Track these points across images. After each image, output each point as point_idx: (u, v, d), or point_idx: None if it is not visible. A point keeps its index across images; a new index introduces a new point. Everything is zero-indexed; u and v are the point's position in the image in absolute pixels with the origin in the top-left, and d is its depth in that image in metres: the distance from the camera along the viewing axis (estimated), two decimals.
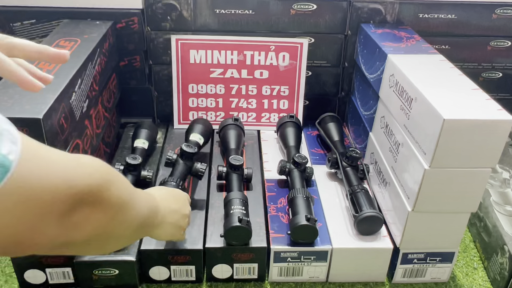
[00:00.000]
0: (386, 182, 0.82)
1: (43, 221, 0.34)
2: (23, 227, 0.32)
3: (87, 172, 0.37)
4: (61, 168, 0.35)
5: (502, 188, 0.90)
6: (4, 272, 0.79)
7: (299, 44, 1.02)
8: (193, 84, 1.05)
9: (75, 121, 0.74)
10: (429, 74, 0.75)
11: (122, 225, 0.45)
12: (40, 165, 0.33)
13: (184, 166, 0.83)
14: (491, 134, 0.62)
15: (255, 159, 0.98)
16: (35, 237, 0.34)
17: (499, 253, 0.78)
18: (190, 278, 0.77)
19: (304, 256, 0.76)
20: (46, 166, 0.33)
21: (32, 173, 0.32)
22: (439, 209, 0.71)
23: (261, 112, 1.09)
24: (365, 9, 1.00)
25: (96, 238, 0.40)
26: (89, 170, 0.38)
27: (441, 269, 0.79)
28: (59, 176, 0.34)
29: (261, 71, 1.04)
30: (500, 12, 1.01)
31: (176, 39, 1.00)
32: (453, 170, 0.66)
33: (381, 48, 0.86)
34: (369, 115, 0.94)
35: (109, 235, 0.43)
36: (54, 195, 0.34)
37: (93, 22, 0.95)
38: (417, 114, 0.69)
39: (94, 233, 0.40)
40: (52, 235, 0.35)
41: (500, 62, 1.07)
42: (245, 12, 0.99)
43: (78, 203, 0.36)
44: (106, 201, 0.40)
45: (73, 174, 0.36)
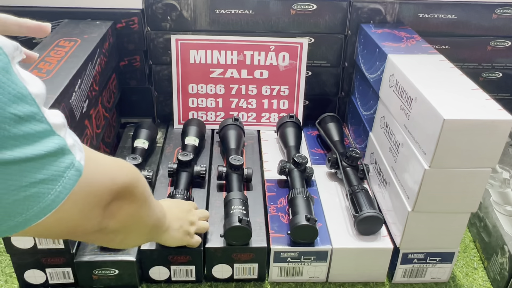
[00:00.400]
0: (386, 182, 0.82)
1: (93, 211, 0.42)
2: (80, 216, 0.40)
3: (124, 171, 0.46)
4: (107, 169, 0.43)
5: (502, 188, 0.90)
6: (4, 272, 0.79)
7: (299, 44, 1.02)
8: (193, 84, 1.05)
9: (75, 121, 0.74)
10: (429, 74, 0.75)
11: (144, 219, 0.54)
12: (95, 166, 0.41)
13: (185, 174, 0.85)
14: (491, 134, 0.62)
15: (255, 159, 0.98)
16: (85, 224, 0.42)
17: (499, 253, 0.78)
18: (190, 278, 0.77)
19: (304, 256, 0.76)
20: (99, 167, 0.42)
21: (91, 173, 0.39)
22: (439, 209, 0.71)
23: (261, 112, 1.09)
24: (365, 9, 1.00)
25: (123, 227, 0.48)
26: (126, 170, 0.47)
27: (441, 269, 0.79)
28: (107, 175, 0.43)
29: (261, 71, 1.04)
30: (500, 12, 1.01)
31: (176, 39, 1.00)
32: (453, 170, 0.66)
33: (381, 48, 0.86)
34: (369, 115, 0.94)
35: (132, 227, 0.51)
36: (103, 190, 0.42)
37: (93, 22, 0.95)
38: (417, 114, 0.69)
39: (123, 221, 0.48)
40: (95, 222, 0.43)
41: (500, 62, 1.07)
42: (245, 12, 0.99)
43: (116, 196, 0.44)
44: (134, 195, 0.48)
45: (116, 173, 0.44)
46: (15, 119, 0.31)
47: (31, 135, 0.33)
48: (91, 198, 0.40)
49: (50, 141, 0.34)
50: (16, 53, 0.33)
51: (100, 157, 0.43)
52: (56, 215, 0.36)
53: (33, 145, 0.33)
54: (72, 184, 0.36)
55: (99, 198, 0.42)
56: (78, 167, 0.37)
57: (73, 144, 0.37)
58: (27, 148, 0.32)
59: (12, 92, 0.31)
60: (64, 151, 0.35)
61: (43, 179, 0.34)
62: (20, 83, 0.32)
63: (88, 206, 0.40)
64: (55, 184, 0.35)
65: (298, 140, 0.99)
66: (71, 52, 0.80)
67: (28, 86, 0.33)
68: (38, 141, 0.33)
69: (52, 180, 0.34)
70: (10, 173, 0.32)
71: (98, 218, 0.43)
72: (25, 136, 0.32)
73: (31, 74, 0.35)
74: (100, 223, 0.44)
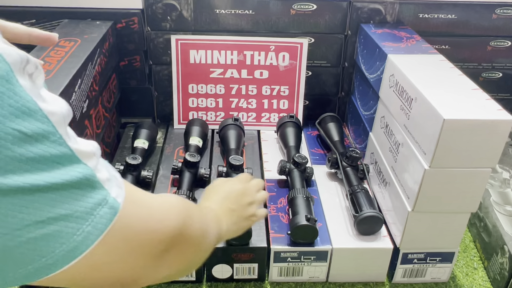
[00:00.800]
0: (386, 182, 0.82)
1: (143, 261, 0.36)
2: (125, 266, 0.34)
3: (175, 212, 0.40)
4: (156, 211, 0.38)
5: (502, 188, 0.90)
6: None
7: (299, 44, 1.02)
8: (193, 84, 1.05)
9: (75, 121, 0.74)
10: (429, 74, 0.75)
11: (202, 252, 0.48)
12: (139, 208, 0.35)
13: (189, 175, 0.85)
14: (491, 134, 0.62)
15: (255, 159, 0.98)
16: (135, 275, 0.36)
17: (499, 253, 0.78)
18: (190, 278, 0.77)
19: (304, 256, 0.76)
20: (144, 209, 0.36)
21: (134, 215, 0.34)
22: (439, 209, 0.71)
23: (261, 112, 1.09)
24: (365, 9, 1.00)
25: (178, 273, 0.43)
26: (176, 210, 0.40)
27: (441, 269, 0.79)
28: (156, 218, 0.37)
29: (261, 71, 1.04)
30: (500, 12, 1.01)
31: (176, 39, 1.00)
32: (453, 170, 0.66)
33: (381, 48, 0.86)
34: (369, 115, 0.94)
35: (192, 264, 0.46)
36: (152, 236, 0.36)
37: (93, 22, 0.95)
38: (417, 114, 0.69)
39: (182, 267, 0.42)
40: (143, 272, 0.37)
41: (500, 62, 1.07)
42: (245, 12, 0.99)
43: (170, 244, 0.38)
44: (191, 237, 0.42)
45: (166, 216, 0.38)
46: (20, 137, 0.27)
47: (46, 158, 0.28)
48: (137, 244, 0.34)
49: (73, 169, 0.29)
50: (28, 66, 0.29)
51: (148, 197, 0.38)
52: (87, 262, 0.30)
53: (49, 172, 0.28)
54: (106, 224, 0.31)
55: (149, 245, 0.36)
56: (113, 204, 0.31)
57: (108, 179, 0.32)
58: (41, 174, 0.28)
59: (14, 105, 0.27)
60: (93, 184, 0.30)
61: (64, 215, 0.29)
62: (27, 96, 0.28)
63: (133, 253, 0.34)
64: (83, 223, 0.29)
65: (298, 140, 0.99)
66: (71, 52, 0.80)
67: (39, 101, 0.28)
68: (56, 167, 0.28)
69: (77, 217, 0.29)
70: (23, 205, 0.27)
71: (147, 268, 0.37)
72: (38, 160, 0.28)
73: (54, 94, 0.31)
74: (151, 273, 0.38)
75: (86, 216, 0.30)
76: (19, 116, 0.27)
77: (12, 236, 0.27)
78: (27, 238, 0.28)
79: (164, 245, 0.37)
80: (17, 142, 0.27)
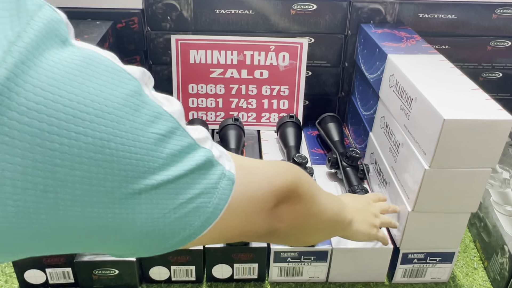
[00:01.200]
0: (386, 182, 0.82)
1: (257, 217, 0.42)
2: (244, 223, 0.41)
3: (281, 173, 0.45)
4: (264, 173, 0.43)
5: (502, 188, 0.90)
6: (4, 272, 0.79)
7: (299, 44, 1.02)
8: (193, 84, 1.05)
9: None
10: (429, 74, 0.75)
11: (316, 217, 0.53)
12: (248, 173, 0.41)
13: None
14: (491, 134, 0.62)
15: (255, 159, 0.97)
16: (252, 229, 0.43)
17: (499, 253, 0.78)
18: (190, 278, 0.77)
19: (304, 256, 0.76)
20: (253, 174, 0.42)
21: (246, 180, 0.39)
22: (439, 209, 0.71)
23: (261, 112, 1.09)
24: (365, 9, 1.00)
25: (294, 228, 0.49)
26: (283, 171, 0.46)
27: (441, 269, 0.79)
28: (264, 180, 0.42)
29: (261, 71, 1.04)
30: (500, 12, 1.01)
31: (176, 39, 1.00)
32: (453, 170, 0.66)
33: (381, 48, 0.86)
34: (369, 115, 0.94)
35: (305, 226, 0.51)
36: (263, 195, 0.42)
37: (93, 22, 0.95)
38: (417, 114, 0.69)
39: (293, 222, 0.48)
40: (263, 226, 0.44)
41: (500, 62, 1.07)
42: (245, 12, 0.99)
43: (280, 199, 0.44)
44: (299, 195, 0.47)
45: (273, 176, 0.44)
46: (160, 138, 0.32)
47: (178, 151, 0.33)
48: (251, 204, 0.40)
49: (197, 155, 0.35)
50: (145, 78, 0.34)
51: (252, 163, 0.44)
52: (218, 226, 0.36)
53: (182, 162, 0.33)
54: (228, 194, 0.36)
55: (261, 203, 0.42)
56: (230, 176, 0.37)
57: (220, 155, 0.37)
58: (178, 165, 0.33)
59: (148, 113, 0.32)
60: (213, 163, 0.36)
61: (198, 194, 0.34)
62: (154, 103, 0.33)
63: (250, 212, 0.41)
64: (211, 197, 0.35)
65: (298, 140, 0.99)
66: None
67: (162, 105, 0.33)
68: (186, 157, 0.34)
69: (207, 193, 0.35)
70: (168, 193, 0.32)
71: (264, 222, 0.43)
72: (173, 154, 0.33)
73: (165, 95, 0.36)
74: (269, 227, 0.44)
75: (213, 190, 0.35)
76: (154, 121, 0.32)
77: (163, 219, 0.33)
78: (174, 218, 0.33)
79: (274, 201, 0.43)
80: (157, 143, 0.32)
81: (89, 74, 0.29)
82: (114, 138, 0.29)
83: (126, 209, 0.31)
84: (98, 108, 0.29)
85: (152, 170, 0.31)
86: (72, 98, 0.28)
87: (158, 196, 0.32)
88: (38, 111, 0.27)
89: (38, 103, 0.27)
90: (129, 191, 0.30)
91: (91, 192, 0.29)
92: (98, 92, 0.29)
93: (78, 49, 0.31)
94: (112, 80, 0.31)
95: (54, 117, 0.27)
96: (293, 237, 0.51)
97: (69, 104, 0.28)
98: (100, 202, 0.30)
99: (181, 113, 0.35)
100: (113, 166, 0.29)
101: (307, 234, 0.54)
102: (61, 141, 0.27)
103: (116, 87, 0.30)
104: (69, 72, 0.28)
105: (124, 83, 0.31)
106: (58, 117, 0.27)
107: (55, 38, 0.29)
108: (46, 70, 0.27)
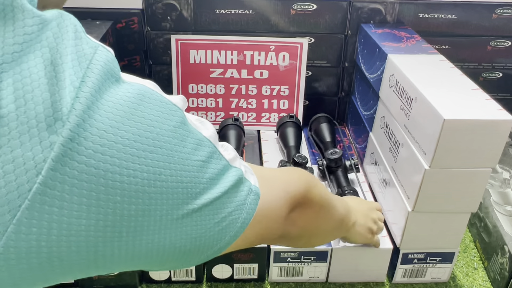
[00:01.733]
0: (386, 182, 0.82)
1: (274, 223, 0.45)
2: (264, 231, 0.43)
3: (295, 181, 0.48)
4: (280, 183, 0.46)
5: (502, 188, 0.90)
6: None
7: (299, 44, 1.02)
8: (193, 84, 1.05)
9: None
10: (429, 74, 0.75)
11: (325, 220, 0.56)
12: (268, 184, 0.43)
13: None
14: (491, 134, 0.62)
15: (255, 159, 0.98)
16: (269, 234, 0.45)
17: (499, 253, 0.78)
18: (190, 278, 0.77)
19: (304, 256, 0.76)
20: (272, 184, 0.44)
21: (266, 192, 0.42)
22: (439, 209, 0.71)
23: (261, 112, 1.09)
24: (365, 9, 1.00)
25: (306, 231, 0.52)
26: (296, 178, 0.49)
27: (441, 269, 0.78)
28: (281, 189, 0.45)
29: (261, 71, 1.04)
30: (500, 12, 1.01)
31: (176, 39, 1.00)
32: (453, 170, 0.66)
33: (381, 48, 0.86)
34: (369, 115, 0.94)
35: (315, 228, 0.54)
36: (280, 204, 0.45)
37: (93, 22, 0.95)
38: (417, 114, 0.69)
39: (305, 226, 0.51)
40: (278, 230, 0.46)
41: (500, 62, 1.07)
42: (245, 12, 0.99)
43: (294, 205, 0.47)
44: (311, 201, 0.50)
45: (288, 184, 0.47)
46: (201, 165, 0.34)
47: (216, 174, 0.35)
48: (271, 213, 0.43)
49: (230, 175, 0.37)
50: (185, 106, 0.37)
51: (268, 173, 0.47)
52: (243, 236, 0.39)
53: (219, 184, 0.36)
54: (254, 208, 0.39)
55: (279, 211, 0.44)
56: (256, 191, 0.40)
57: (246, 171, 0.40)
58: (216, 187, 0.35)
59: (192, 141, 0.34)
60: (242, 180, 0.38)
61: (231, 212, 0.37)
62: (195, 130, 0.35)
63: (270, 221, 0.43)
64: (241, 213, 0.38)
65: (298, 140, 0.99)
66: None
67: (201, 130, 0.36)
68: (222, 179, 0.36)
69: (237, 210, 0.38)
70: (207, 214, 0.35)
71: (280, 227, 0.46)
72: (212, 178, 0.35)
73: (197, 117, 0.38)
74: (283, 231, 0.47)
75: (242, 207, 0.38)
76: (197, 149, 0.34)
77: (200, 238, 0.35)
78: (211, 234, 0.36)
79: (289, 207, 0.46)
80: (200, 169, 0.34)
81: (143, 112, 0.31)
82: (165, 171, 0.31)
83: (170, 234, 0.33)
84: (151, 144, 0.31)
85: (195, 195, 0.34)
86: (130, 138, 0.30)
87: (198, 218, 0.34)
88: (103, 153, 0.28)
89: (103, 145, 0.28)
90: (174, 217, 0.33)
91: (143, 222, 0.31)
92: (151, 129, 0.31)
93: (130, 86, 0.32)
94: (162, 114, 0.33)
95: (116, 157, 0.29)
96: (303, 239, 0.53)
97: (128, 144, 0.30)
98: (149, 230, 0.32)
99: (216, 136, 0.37)
100: (163, 197, 0.32)
101: (317, 236, 0.57)
102: (122, 179, 0.29)
103: (166, 120, 0.32)
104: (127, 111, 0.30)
105: (172, 115, 0.33)
106: (119, 157, 0.29)
107: (111, 78, 0.31)
108: (108, 112, 0.29)
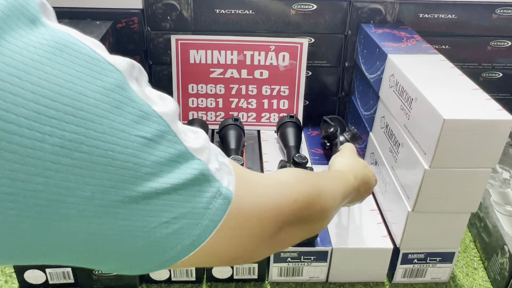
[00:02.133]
0: (386, 182, 0.82)
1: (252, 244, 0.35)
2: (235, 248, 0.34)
3: (292, 198, 0.38)
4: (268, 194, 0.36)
5: (502, 188, 0.90)
6: (4, 272, 0.79)
7: (299, 44, 1.02)
8: (193, 84, 1.05)
9: None
10: (429, 74, 0.75)
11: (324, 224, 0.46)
12: (250, 191, 0.35)
13: None
14: (491, 134, 0.62)
15: (255, 159, 0.98)
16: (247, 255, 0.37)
17: (499, 253, 0.78)
18: (190, 278, 0.77)
19: (304, 256, 0.76)
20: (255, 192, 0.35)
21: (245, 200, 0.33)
22: (439, 209, 0.71)
23: (261, 112, 1.09)
24: (365, 9, 1.00)
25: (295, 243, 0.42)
26: (294, 195, 0.38)
27: (441, 269, 0.78)
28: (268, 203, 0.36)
29: (261, 71, 1.04)
30: (500, 12, 1.01)
31: (176, 39, 1.00)
32: (453, 170, 0.66)
33: (381, 48, 0.86)
34: (369, 115, 0.94)
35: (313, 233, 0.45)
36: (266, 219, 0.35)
37: (93, 22, 0.95)
38: (417, 114, 0.69)
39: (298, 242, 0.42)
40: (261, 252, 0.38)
41: (500, 62, 1.07)
42: (245, 12, 0.99)
43: (284, 225, 0.37)
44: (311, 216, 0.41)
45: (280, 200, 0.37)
46: (144, 143, 0.27)
47: (167, 160, 0.28)
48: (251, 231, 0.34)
49: (189, 167, 0.29)
50: (134, 71, 0.29)
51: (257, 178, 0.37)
52: (204, 250, 0.31)
53: (171, 174, 0.28)
54: (221, 216, 0.31)
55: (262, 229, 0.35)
56: (226, 194, 0.31)
57: (219, 168, 0.32)
58: (165, 177, 0.28)
59: (132, 111, 0.27)
60: (208, 178, 0.30)
61: (185, 213, 0.29)
62: (140, 100, 0.28)
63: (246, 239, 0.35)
64: (200, 218, 0.30)
65: (298, 140, 0.99)
66: None
67: (152, 104, 0.28)
68: (176, 166, 0.29)
69: (196, 213, 0.30)
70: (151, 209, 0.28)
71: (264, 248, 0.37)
72: (161, 163, 0.28)
73: (161, 93, 0.31)
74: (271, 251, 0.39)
75: (203, 211, 0.30)
76: (139, 122, 0.27)
77: (141, 238, 0.28)
78: (154, 238, 0.29)
79: (277, 227, 0.36)
80: (142, 148, 0.27)
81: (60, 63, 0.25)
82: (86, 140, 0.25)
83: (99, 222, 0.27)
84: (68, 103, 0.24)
85: (134, 179, 0.27)
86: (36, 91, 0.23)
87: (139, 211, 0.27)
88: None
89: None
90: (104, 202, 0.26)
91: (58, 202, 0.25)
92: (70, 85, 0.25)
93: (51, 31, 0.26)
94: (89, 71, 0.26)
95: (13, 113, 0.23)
96: None
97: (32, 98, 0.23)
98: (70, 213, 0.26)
99: (175, 115, 0.30)
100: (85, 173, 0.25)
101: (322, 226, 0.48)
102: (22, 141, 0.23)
103: (94, 80, 0.26)
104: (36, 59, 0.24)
105: (104, 75, 0.26)
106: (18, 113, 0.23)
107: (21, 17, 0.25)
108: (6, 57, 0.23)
